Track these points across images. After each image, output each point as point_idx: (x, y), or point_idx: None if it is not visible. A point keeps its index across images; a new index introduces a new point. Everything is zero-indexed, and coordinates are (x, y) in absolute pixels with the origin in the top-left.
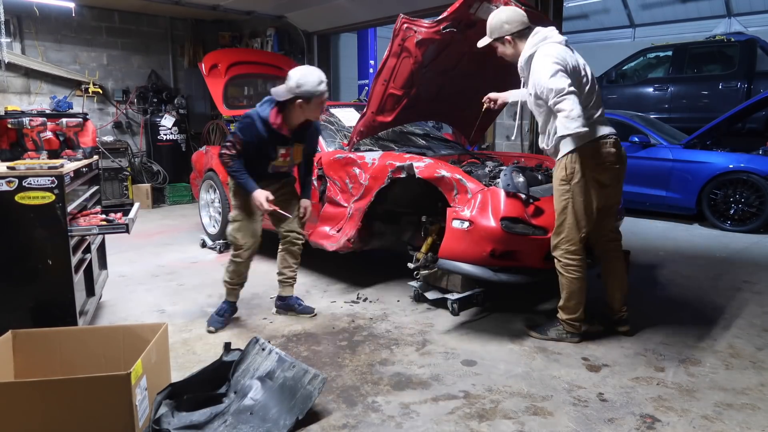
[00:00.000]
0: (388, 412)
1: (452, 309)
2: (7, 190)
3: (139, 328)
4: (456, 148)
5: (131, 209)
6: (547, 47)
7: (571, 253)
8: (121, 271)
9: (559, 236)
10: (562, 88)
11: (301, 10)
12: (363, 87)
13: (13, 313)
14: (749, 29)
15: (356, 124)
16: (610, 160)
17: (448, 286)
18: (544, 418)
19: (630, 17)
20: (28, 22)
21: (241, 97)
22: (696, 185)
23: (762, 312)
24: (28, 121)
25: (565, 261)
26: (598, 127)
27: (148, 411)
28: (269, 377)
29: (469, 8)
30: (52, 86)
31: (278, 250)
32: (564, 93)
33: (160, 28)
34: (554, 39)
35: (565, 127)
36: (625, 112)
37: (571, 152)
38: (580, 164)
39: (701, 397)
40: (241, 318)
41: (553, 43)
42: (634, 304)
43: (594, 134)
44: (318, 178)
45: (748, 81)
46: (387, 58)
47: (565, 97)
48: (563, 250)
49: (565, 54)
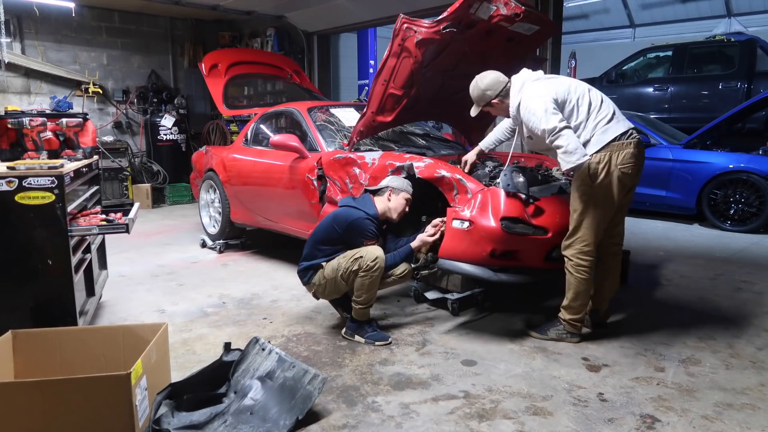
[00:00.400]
0: (388, 412)
1: (452, 309)
2: (7, 190)
3: (139, 328)
4: (456, 148)
5: (131, 209)
6: (528, 91)
7: (585, 254)
8: (121, 271)
9: (575, 236)
10: (554, 127)
11: (301, 10)
12: (363, 87)
13: (13, 313)
14: (749, 29)
15: (356, 124)
16: (632, 162)
17: (448, 286)
18: (544, 418)
19: (630, 17)
20: (28, 22)
21: (241, 97)
22: (696, 185)
23: (762, 312)
24: (28, 121)
25: (576, 261)
26: (616, 125)
27: (148, 411)
28: (269, 377)
29: (469, 8)
30: (52, 86)
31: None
32: (556, 131)
33: (160, 28)
34: (531, 79)
35: (567, 162)
36: (625, 112)
37: (596, 153)
38: (605, 164)
39: (701, 397)
40: (240, 318)
41: (532, 82)
42: (635, 304)
43: (616, 132)
44: (318, 178)
45: (748, 81)
46: (387, 58)
47: (559, 134)
48: (576, 250)
49: (547, 87)
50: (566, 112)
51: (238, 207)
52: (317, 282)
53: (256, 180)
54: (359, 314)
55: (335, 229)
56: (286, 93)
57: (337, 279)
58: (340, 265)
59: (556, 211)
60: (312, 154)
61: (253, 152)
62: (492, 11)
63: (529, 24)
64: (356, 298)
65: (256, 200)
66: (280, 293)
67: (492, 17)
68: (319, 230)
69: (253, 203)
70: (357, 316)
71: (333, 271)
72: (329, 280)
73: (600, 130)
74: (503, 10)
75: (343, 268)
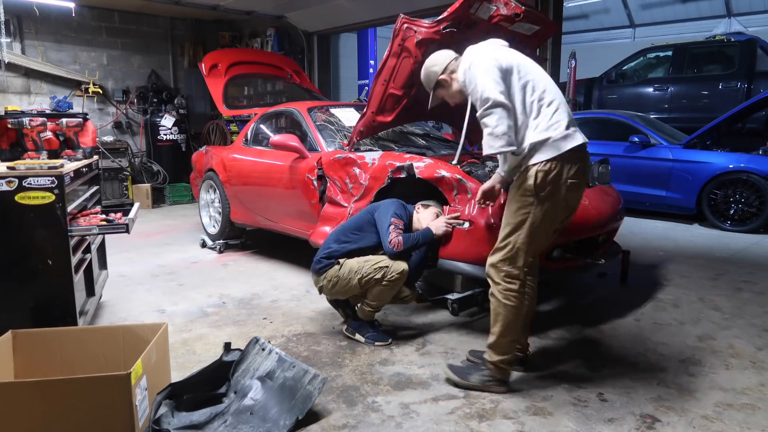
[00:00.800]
0: (388, 412)
1: (452, 309)
2: (7, 190)
3: (139, 328)
4: (456, 148)
5: (131, 209)
6: (475, 53)
7: (513, 277)
8: (121, 271)
9: (503, 253)
10: (488, 98)
11: (301, 10)
12: (363, 87)
13: (13, 313)
14: (749, 29)
15: (356, 124)
16: (580, 179)
17: (448, 286)
18: (544, 418)
19: (630, 17)
20: (28, 22)
21: (241, 97)
22: (696, 185)
23: (762, 312)
24: (28, 121)
25: (504, 285)
26: (575, 133)
27: (148, 411)
28: (269, 377)
29: (469, 8)
30: (52, 86)
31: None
32: (490, 105)
33: (160, 28)
34: (483, 44)
35: (489, 147)
36: (625, 112)
37: (550, 160)
38: (556, 176)
39: (701, 397)
40: (240, 318)
41: (484, 45)
42: (635, 304)
43: (576, 141)
44: (318, 178)
45: (748, 81)
46: (387, 58)
47: (492, 111)
48: (505, 273)
49: (497, 51)
50: (513, 89)
51: (238, 207)
52: (329, 277)
53: (256, 180)
54: (365, 315)
55: (369, 213)
56: (286, 93)
57: (352, 281)
58: (361, 268)
59: None
60: (312, 154)
61: (253, 152)
62: (492, 11)
63: (529, 24)
64: (370, 302)
65: (256, 200)
66: (280, 293)
67: (492, 17)
68: (352, 220)
69: (253, 203)
70: (362, 316)
71: (350, 272)
72: (342, 279)
73: (558, 133)
74: (503, 10)
75: (364, 273)
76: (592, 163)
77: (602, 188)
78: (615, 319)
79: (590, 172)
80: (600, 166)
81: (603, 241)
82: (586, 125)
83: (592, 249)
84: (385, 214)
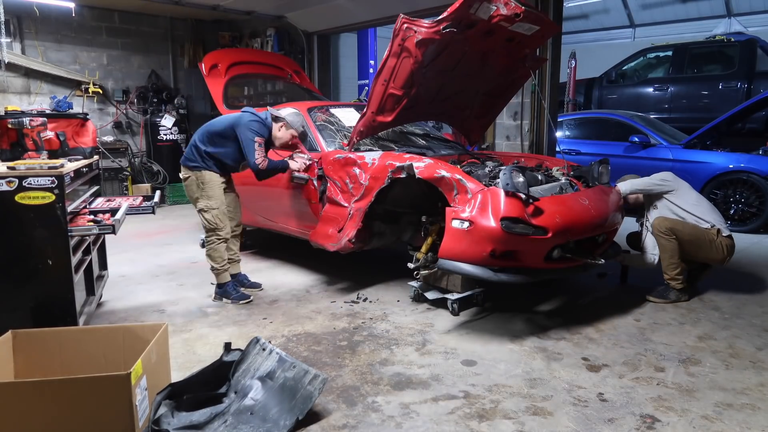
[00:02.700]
0: (388, 412)
1: (452, 309)
2: (7, 190)
3: (139, 328)
4: (456, 148)
5: (119, 210)
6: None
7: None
8: (121, 271)
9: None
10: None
11: (301, 10)
12: (363, 87)
13: (13, 313)
14: (749, 29)
15: (356, 124)
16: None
17: (448, 286)
18: (544, 418)
19: (630, 17)
20: (28, 22)
21: (241, 97)
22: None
23: (762, 312)
24: (28, 121)
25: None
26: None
27: (148, 411)
28: (269, 377)
29: (469, 8)
30: (52, 86)
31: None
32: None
33: (160, 28)
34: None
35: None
36: (625, 112)
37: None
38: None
39: (701, 397)
40: (241, 318)
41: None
42: (634, 303)
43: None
44: (318, 178)
45: (748, 81)
46: (387, 58)
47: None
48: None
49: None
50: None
51: None
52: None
53: (256, 180)
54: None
55: (230, 128)
56: (286, 93)
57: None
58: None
59: (556, 211)
60: (312, 154)
61: None
62: (492, 11)
63: (529, 24)
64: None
65: (256, 200)
66: (280, 293)
67: (492, 17)
68: (215, 125)
69: (252, 203)
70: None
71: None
72: (197, 190)
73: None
74: (503, 10)
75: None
76: (592, 163)
77: (602, 188)
78: (615, 319)
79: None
80: (600, 166)
81: (603, 241)
82: (586, 125)
83: (592, 249)
84: (247, 131)
